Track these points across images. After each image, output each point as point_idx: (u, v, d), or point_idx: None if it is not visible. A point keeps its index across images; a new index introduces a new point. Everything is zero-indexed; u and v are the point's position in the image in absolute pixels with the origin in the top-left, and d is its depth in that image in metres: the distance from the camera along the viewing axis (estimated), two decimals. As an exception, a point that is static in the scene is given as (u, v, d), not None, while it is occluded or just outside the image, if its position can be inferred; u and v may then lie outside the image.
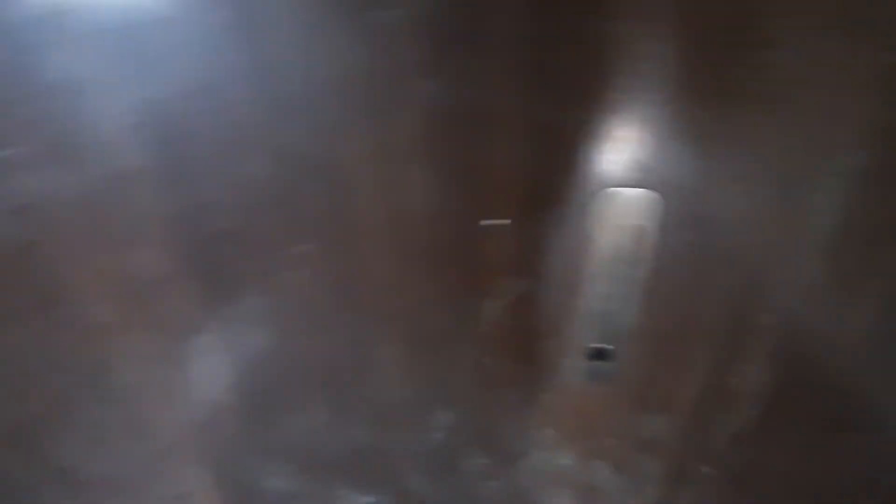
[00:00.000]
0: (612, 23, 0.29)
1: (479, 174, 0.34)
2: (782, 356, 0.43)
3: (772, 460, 0.49)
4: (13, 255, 0.42)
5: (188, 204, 0.37)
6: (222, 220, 0.38)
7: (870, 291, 0.37)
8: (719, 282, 0.39)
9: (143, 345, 0.47)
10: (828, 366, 0.43)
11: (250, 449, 0.55)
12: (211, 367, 0.49)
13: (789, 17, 0.28)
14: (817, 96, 0.31)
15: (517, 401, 0.47)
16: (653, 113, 0.32)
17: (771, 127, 0.33)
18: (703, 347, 0.43)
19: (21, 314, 0.45)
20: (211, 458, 0.57)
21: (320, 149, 0.35)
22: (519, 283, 0.39)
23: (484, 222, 0.34)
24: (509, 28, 0.29)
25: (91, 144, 0.37)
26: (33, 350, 0.48)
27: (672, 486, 0.50)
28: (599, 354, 0.42)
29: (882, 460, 0.45)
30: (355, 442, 0.52)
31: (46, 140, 0.37)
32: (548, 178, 0.34)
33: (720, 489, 0.50)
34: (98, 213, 0.39)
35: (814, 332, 0.42)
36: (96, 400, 0.52)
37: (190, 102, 0.34)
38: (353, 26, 0.29)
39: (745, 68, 0.30)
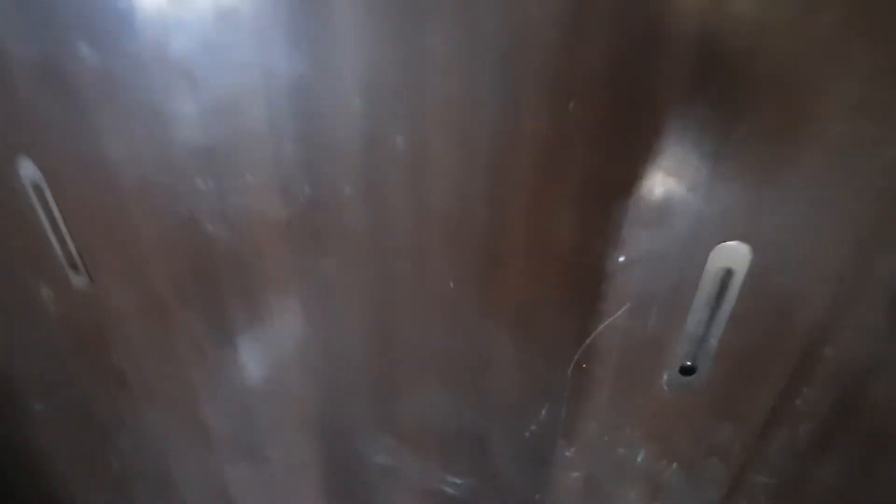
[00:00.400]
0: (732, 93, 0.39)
1: (613, 220, 0.44)
2: (839, 383, 0.51)
3: (823, 474, 0.57)
4: (223, 259, 0.54)
5: (376, 223, 0.48)
6: (402, 237, 0.48)
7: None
8: (792, 319, 0.48)
9: (300, 328, 0.58)
10: (878, 392, 0.51)
11: (365, 425, 0.66)
12: (348, 350, 0.59)
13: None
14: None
15: (607, 402, 0.56)
16: (757, 181, 0.42)
17: (848, 196, 0.42)
18: (773, 371, 0.52)
19: (217, 305, 0.56)
20: (329, 431, 0.68)
21: (489, 184, 0.45)
22: (629, 307, 0.48)
23: (620, 258, 0.44)
24: (664, 110, 0.39)
25: (305, 179, 0.48)
26: (209, 329, 0.60)
27: (731, 490, 0.58)
28: (686, 370, 0.51)
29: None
30: (460, 428, 0.62)
31: (269, 174, 0.49)
32: (665, 228, 0.44)
33: (774, 497, 0.58)
34: (300, 230, 0.50)
35: (868, 364, 0.50)
36: (246, 370, 0.64)
37: (390, 145, 0.45)
38: (544, 115, 0.40)
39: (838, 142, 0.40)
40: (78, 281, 0.61)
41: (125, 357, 0.68)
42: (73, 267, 0.60)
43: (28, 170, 0.54)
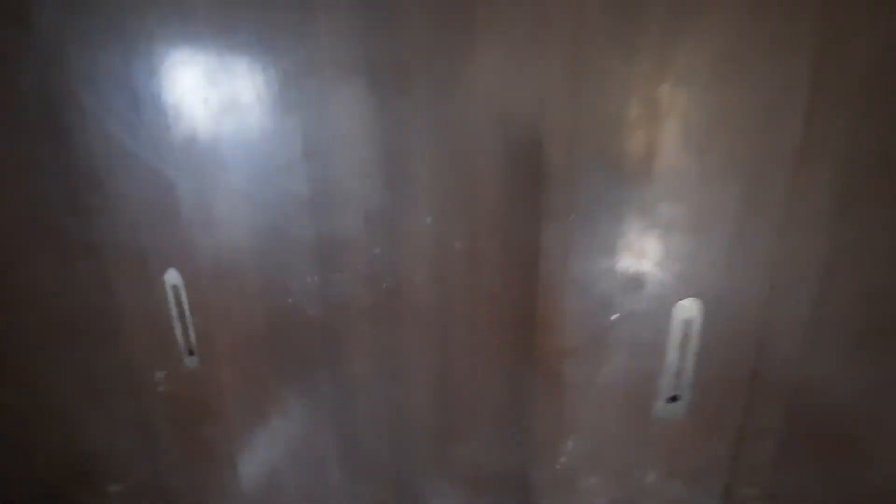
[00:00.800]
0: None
1: (606, 290, 0.64)
2: (787, 401, 0.69)
3: (795, 482, 0.72)
4: (317, 336, 0.71)
5: (440, 302, 0.67)
6: (459, 311, 0.67)
7: (846, 354, 0.65)
8: (740, 350, 0.67)
9: (376, 389, 0.74)
10: (824, 409, 0.68)
11: (426, 472, 0.78)
12: (415, 405, 0.75)
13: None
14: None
15: (618, 431, 0.72)
16: (698, 256, 0.63)
17: (751, 262, 0.63)
18: (734, 395, 0.69)
19: (307, 375, 0.72)
20: (394, 480, 0.80)
21: (522, 272, 0.65)
22: (622, 354, 0.67)
23: (614, 316, 0.63)
24: (628, 218, 0.61)
25: (388, 272, 0.68)
26: (298, 397, 0.75)
27: (727, 500, 0.72)
28: (672, 399, 0.68)
29: (883, 475, 0.68)
30: (502, 466, 0.76)
31: (362, 270, 0.68)
32: (641, 293, 0.64)
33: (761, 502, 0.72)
34: (382, 310, 0.69)
35: (808, 384, 0.68)
36: (326, 432, 0.77)
37: (451, 247, 0.65)
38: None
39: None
40: (190, 362, 0.76)
41: (218, 430, 0.80)
42: (190, 351, 0.76)
43: (172, 276, 0.72)
